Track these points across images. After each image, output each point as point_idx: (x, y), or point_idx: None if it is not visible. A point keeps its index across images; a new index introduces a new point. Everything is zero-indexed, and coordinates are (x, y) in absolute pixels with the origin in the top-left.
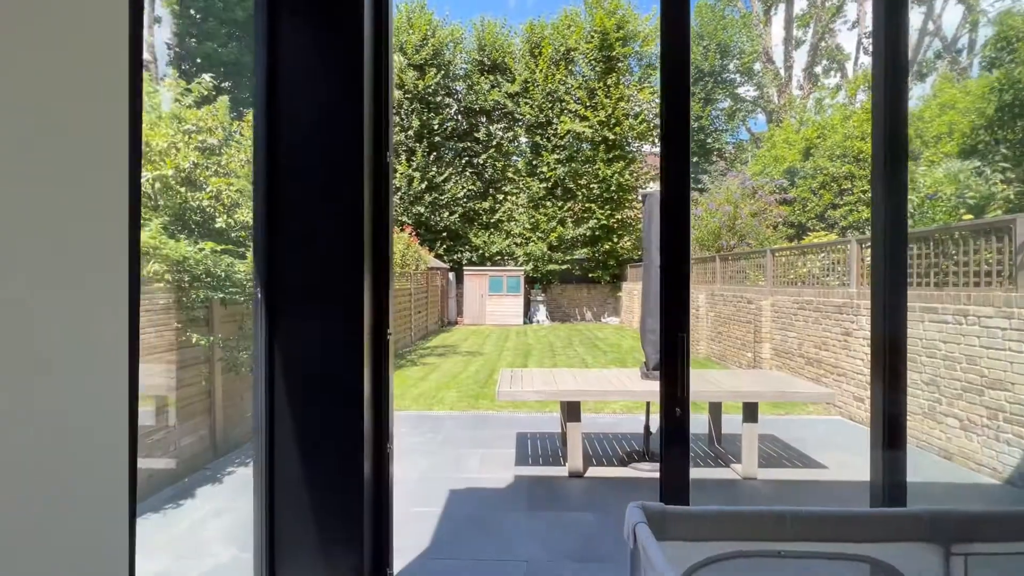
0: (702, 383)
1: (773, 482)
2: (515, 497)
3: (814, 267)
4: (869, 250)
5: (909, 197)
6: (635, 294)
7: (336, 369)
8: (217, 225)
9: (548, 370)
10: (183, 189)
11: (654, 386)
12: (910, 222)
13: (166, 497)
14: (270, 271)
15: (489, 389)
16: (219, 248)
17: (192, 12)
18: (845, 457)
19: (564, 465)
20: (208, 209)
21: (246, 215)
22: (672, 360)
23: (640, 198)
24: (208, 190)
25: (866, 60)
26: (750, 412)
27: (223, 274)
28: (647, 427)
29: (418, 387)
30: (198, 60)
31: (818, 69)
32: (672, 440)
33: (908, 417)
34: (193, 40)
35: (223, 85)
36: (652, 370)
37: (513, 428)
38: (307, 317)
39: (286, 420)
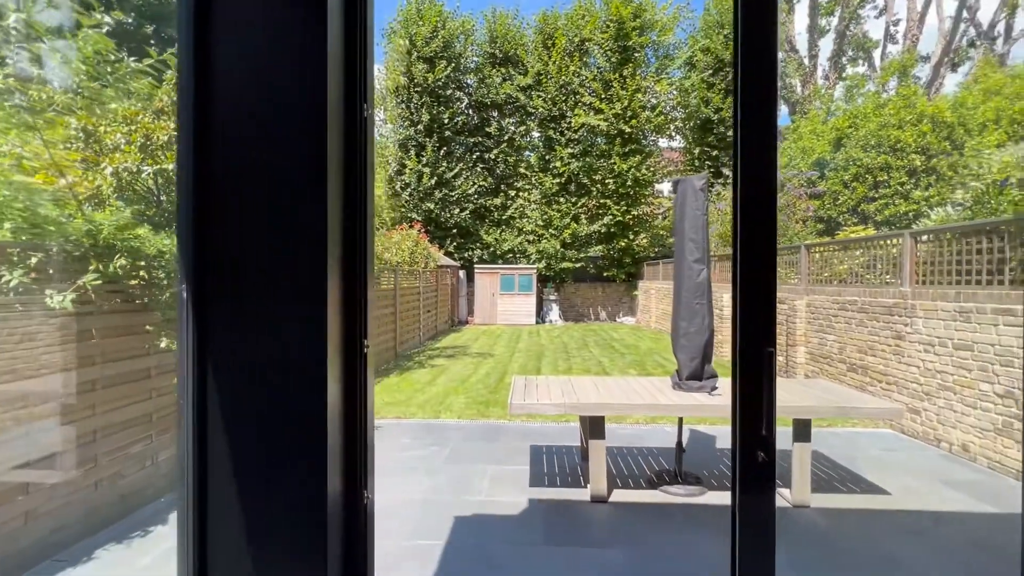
0: None
1: (830, 511)
2: (530, 526)
3: (855, 264)
4: (924, 245)
5: (973, 184)
6: (652, 293)
7: (289, 387)
8: None
9: (566, 378)
10: None
11: (688, 398)
12: (970, 213)
13: (137, 522)
14: (199, 262)
15: (500, 395)
16: None
17: None
18: (908, 480)
19: (585, 487)
20: None
21: None
22: (754, 384)
23: (670, 188)
24: None
25: (893, 49)
26: (802, 430)
27: None
28: (679, 444)
29: (425, 392)
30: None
31: (843, 59)
32: (752, 492)
33: (980, 434)
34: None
35: None
36: (686, 380)
37: (526, 440)
38: (249, 320)
39: (220, 450)
